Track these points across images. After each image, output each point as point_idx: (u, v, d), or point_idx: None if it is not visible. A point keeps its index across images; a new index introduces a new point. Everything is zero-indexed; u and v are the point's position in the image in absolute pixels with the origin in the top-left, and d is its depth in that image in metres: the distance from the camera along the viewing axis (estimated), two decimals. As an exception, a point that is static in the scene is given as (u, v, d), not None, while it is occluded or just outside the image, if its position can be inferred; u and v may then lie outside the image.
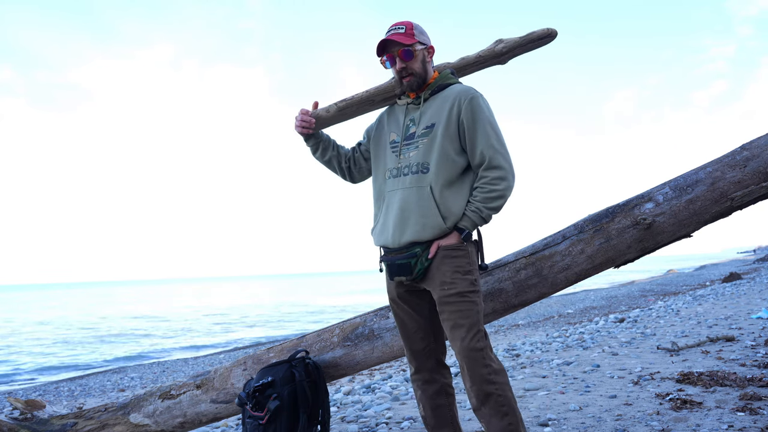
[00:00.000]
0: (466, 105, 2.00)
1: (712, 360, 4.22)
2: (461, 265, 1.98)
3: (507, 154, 2.01)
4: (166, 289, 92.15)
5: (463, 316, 1.94)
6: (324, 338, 2.51)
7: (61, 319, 29.04)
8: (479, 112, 2.00)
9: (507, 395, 1.92)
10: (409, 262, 2.01)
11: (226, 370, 2.61)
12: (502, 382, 1.92)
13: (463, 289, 1.96)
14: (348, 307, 27.46)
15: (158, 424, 2.63)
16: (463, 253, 1.99)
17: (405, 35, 2.06)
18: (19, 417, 2.66)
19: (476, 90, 2.08)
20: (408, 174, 2.04)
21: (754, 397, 3.01)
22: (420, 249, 2.00)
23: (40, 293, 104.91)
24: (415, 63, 2.08)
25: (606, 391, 3.52)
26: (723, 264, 41.23)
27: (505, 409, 1.90)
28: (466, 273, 1.98)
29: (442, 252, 1.98)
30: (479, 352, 1.91)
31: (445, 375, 2.17)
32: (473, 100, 2.02)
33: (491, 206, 1.97)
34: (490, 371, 1.91)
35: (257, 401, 2.18)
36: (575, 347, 5.75)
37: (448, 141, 2.00)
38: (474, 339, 1.92)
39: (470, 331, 1.93)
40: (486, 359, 1.92)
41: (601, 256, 2.30)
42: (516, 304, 2.37)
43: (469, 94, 2.04)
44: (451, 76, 2.17)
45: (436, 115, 2.05)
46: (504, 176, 1.97)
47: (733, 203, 2.22)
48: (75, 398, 8.41)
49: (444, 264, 1.98)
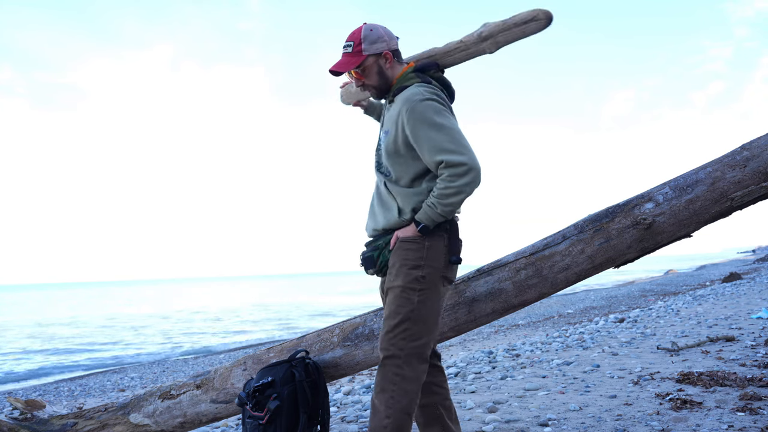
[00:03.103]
0: (407, 116, 1.95)
1: (712, 360, 4.22)
2: (410, 258, 1.96)
3: (461, 148, 1.92)
4: (166, 290, 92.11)
5: (394, 311, 1.94)
6: (324, 338, 2.51)
7: (77, 318, 29.03)
8: (419, 121, 1.94)
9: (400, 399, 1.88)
10: (372, 255, 2.06)
11: (226, 370, 2.61)
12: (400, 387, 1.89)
13: (404, 284, 1.94)
14: (348, 307, 27.46)
15: (158, 424, 2.63)
16: (416, 246, 1.97)
17: (352, 55, 2.06)
18: (19, 417, 2.66)
19: (419, 92, 1.98)
20: (378, 171, 2.13)
21: (754, 397, 3.01)
22: (383, 242, 2.05)
23: (39, 294, 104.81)
24: (370, 78, 2.09)
25: (606, 391, 3.52)
26: (723, 264, 41.23)
27: (390, 411, 1.87)
28: (413, 267, 1.95)
29: (399, 243, 2.00)
30: (391, 359, 1.91)
31: (432, 374, 2.16)
32: (411, 111, 1.95)
33: (446, 202, 1.92)
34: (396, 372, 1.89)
35: (257, 401, 2.18)
36: (575, 347, 5.75)
37: (400, 148, 2.01)
38: (395, 338, 1.92)
39: (395, 329, 1.92)
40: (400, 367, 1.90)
41: (601, 256, 2.30)
42: (516, 304, 2.36)
43: (408, 103, 1.97)
44: (410, 76, 2.08)
45: (389, 121, 2.06)
46: (460, 173, 1.89)
47: (733, 203, 2.22)
48: (75, 398, 8.40)
49: (395, 255, 2.00)
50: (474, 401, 3.53)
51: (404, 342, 1.93)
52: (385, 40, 2.09)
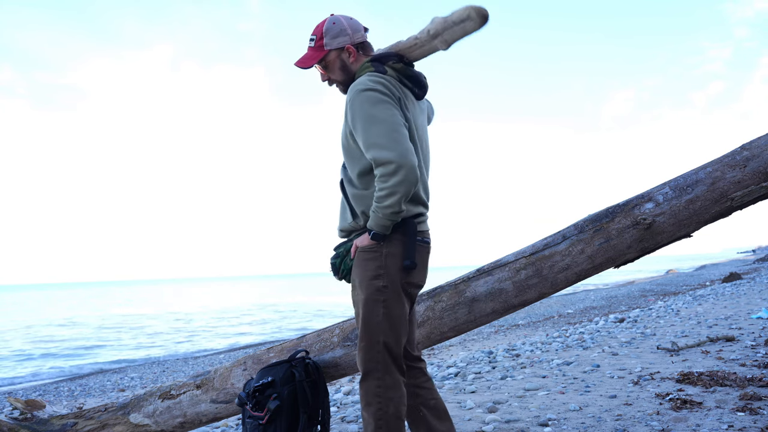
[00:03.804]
0: (348, 107, 1.90)
1: (712, 360, 4.22)
2: (370, 269, 1.91)
3: (392, 144, 1.79)
4: (166, 290, 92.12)
5: (364, 328, 1.91)
6: (324, 338, 2.51)
7: (82, 317, 29.04)
8: (356, 111, 1.86)
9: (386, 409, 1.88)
10: (335, 262, 2.03)
11: (226, 370, 2.61)
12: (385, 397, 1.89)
13: (367, 296, 1.91)
14: (348, 307, 27.45)
15: (158, 424, 2.63)
16: (374, 255, 1.91)
17: (315, 49, 2.01)
18: (19, 417, 2.66)
19: (362, 82, 1.90)
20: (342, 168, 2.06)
21: (754, 397, 3.01)
22: (344, 249, 2.00)
23: (39, 294, 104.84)
24: (333, 73, 2.04)
25: (606, 391, 3.52)
26: (723, 264, 41.22)
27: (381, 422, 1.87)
28: (374, 278, 1.91)
29: (358, 254, 1.94)
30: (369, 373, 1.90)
31: (413, 375, 2.12)
32: (351, 102, 1.89)
33: (383, 205, 1.82)
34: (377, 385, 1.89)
35: (257, 401, 2.18)
36: (575, 347, 5.75)
37: (349, 141, 1.94)
38: (371, 353, 1.90)
39: (371, 345, 1.90)
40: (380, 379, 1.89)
41: (601, 256, 2.30)
42: (516, 304, 2.36)
43: (350, 93, 1.91)
44: (365, 66, 2.00)
45: None
46: (390, 171, 1.77)
47: (733, 203, 2.22)
48: (75, 398, 8.40)
49: (357, 266, 1.94)
50: (474, 401, 3.53)
51: (380, 355, 1.90)
52: (348, 33, 2.01)
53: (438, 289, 2.44)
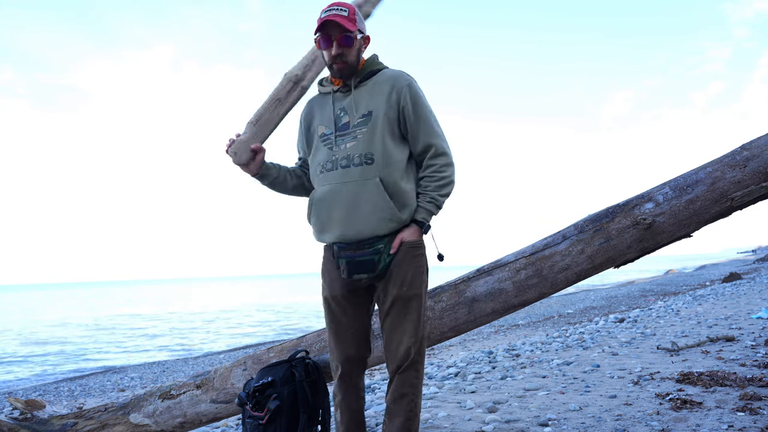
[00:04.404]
0: (406, 92, 1.90)
1: (712, 360, 4.22)
2: (421, 265, 1.95)
3: (447, 140, 1.97)
4: (166, 290, 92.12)
5: (417, 320, 1.93)
6: (324, 338, 2.51)
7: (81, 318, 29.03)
8: (419, 99, 1.92)
9: (417, 401, 1.94)
10: (373, 258, 1.91)
11: (226, 370, 2.61)
12: (417, 389, 1.95)
13: (420, 291, 1.94)
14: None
15: (158, 424, 2.63)
16: (422, 251, 1.96)
17: (348, 20, 1.88)
18: (19, 417, 2.66)
19: (409, 74, 1.96)
20: (349, 166, 1.90)
21: (754, 397, 3.01)
22: (383, 245, 1.92)
23: (39, 294, 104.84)
24: (351, 52, 1.93)
25: (606, 391, 3.52)
26: (723, 264, 41.22)
27: (411, 414, 1.93)
28: (425, 272, 1.97)
29: (405, 248, 1.91)
30: (414, 365, 1.94)
31: (362, 378, 2.17)
32: (412, 87, 1.91)
33: (444, 193, 1.93)
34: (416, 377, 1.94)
35: (257, 401, 2.18)
36: (575, 347, 5.75)
37: (389, 129, 1.90)
38: (422, 347, 1.95)
39: (415, 337, 1.93)
40: (418, 371, 1.95)
41: (601, 256, 2.30)
42: (516, 304, 2.36)
43: (405, 80, 1.93)
44: (379, 62, 2.04)
45: (372, 102, 1.92)
46: (450, 162, 1.94)
47: (733, 203, 2.22)
48: (75, 398, 8.40)
49: (405, 261, 1.92)
50: (474, 401, 3.53)
51: (424, 349, 1.98)
52: (365, 26, 2.05)
53: (438, 289, 2.44)
